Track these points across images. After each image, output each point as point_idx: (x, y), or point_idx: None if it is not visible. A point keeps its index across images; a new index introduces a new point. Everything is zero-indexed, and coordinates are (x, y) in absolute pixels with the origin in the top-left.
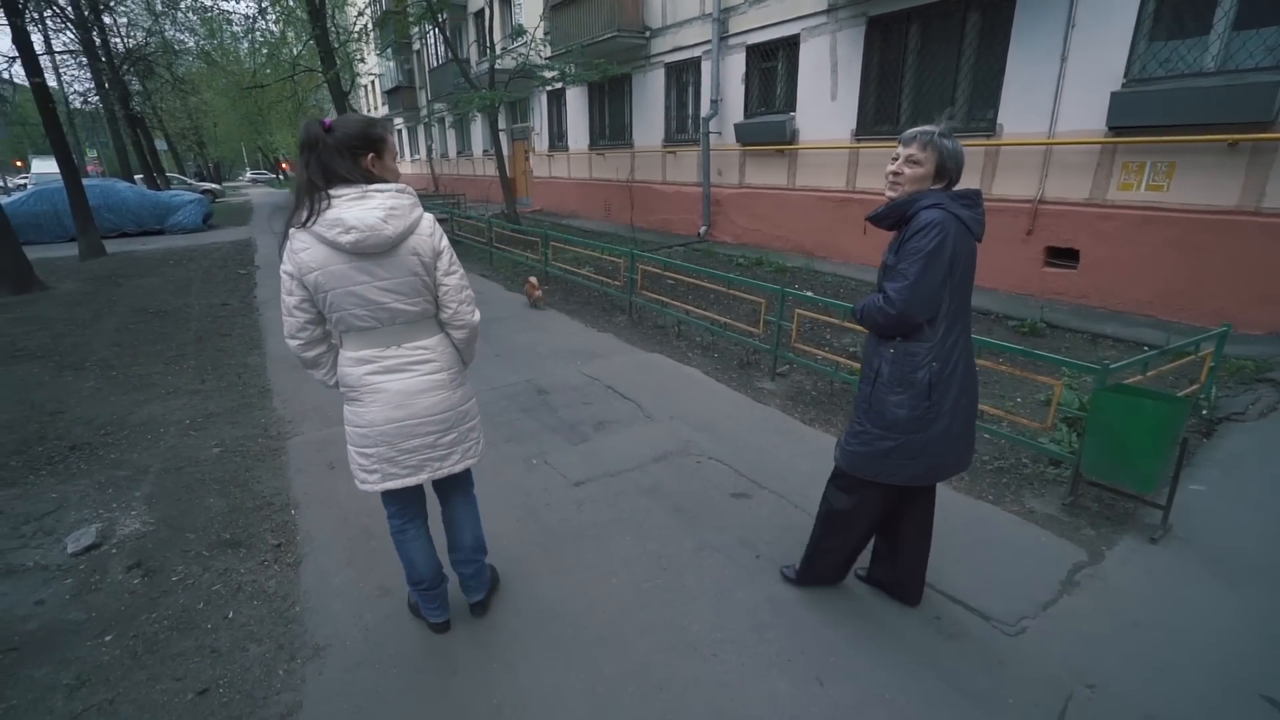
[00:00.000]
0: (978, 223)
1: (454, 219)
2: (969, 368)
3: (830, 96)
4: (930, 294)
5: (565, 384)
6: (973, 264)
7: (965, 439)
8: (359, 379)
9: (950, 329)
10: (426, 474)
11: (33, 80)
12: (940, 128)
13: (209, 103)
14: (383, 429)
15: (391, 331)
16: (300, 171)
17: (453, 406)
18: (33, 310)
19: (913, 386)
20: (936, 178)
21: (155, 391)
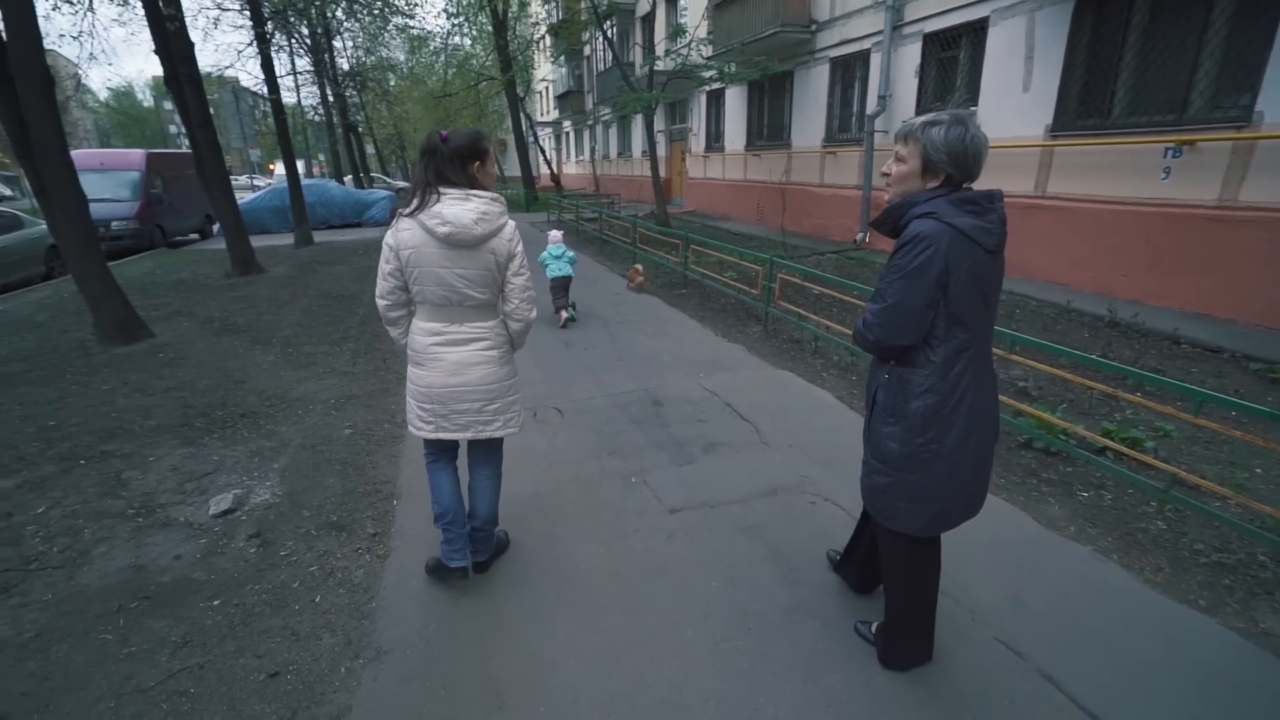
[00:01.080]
0: (986, 233)
1: (603, 218)
2: (983, 400)
3: (1022, 88)
4: (911, 319)
5: (682, 397)
6: (987, 281)
7: (979, 483)
8: (425, 346)
9: (954, 356)
10: (471, 433)
11: (271, 97)
12: (935, 116)
13: (409, 111)
14: (439, 391)
15: (459, 311)
16: (420, 172)
17: (499, 380)
18: (249, 290)
19: (905, 418)
20: (926, 175)
21: (315, 370)
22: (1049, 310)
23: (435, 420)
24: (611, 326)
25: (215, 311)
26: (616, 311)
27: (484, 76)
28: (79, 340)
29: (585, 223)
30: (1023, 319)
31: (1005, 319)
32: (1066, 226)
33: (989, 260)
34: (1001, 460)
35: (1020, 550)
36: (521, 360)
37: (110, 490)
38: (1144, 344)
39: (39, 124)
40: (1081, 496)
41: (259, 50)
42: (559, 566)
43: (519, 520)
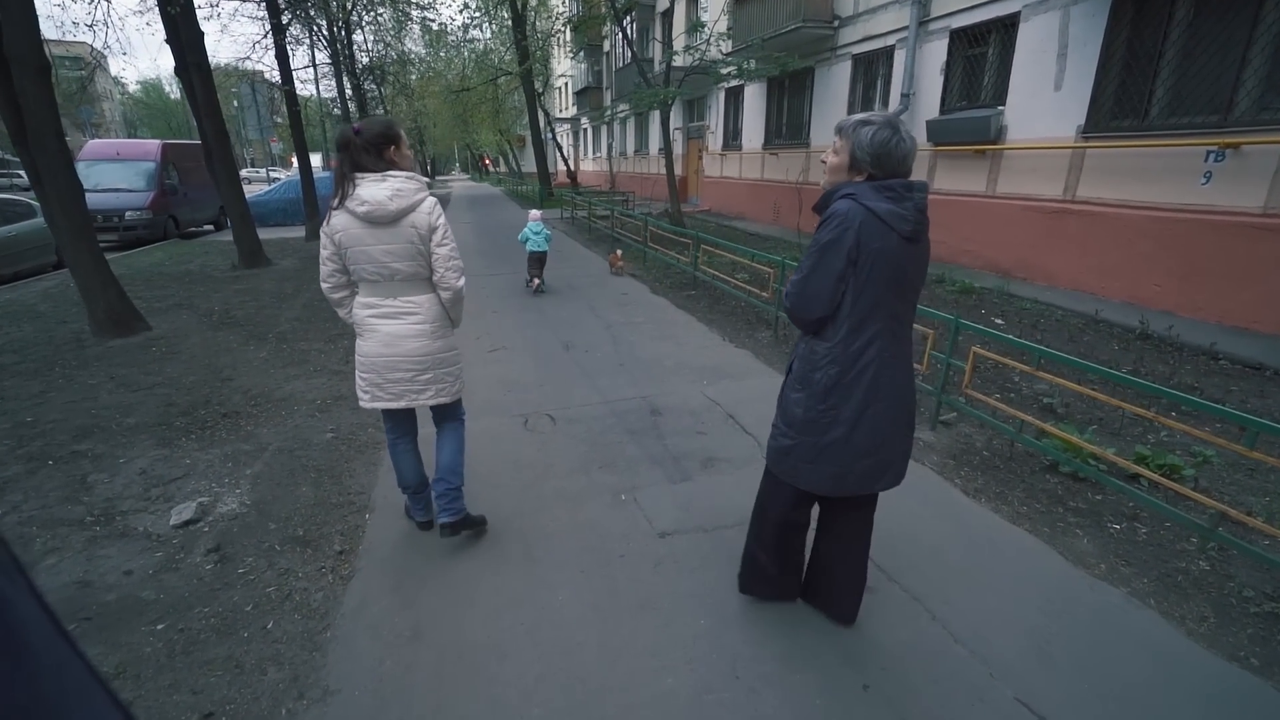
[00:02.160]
0: (900, 218)
1: (614, 216)
2: (888, 378)
3: (1054, 86)
4: (820, 290)
5: (683, 406)
6: (899, 265)
7: (877, 456)
8: (363, 319)
9: (856, 331)
10: (405, 402)
11: (284, 88)
12: (870, 116)
13: (428, 106)
14: (374, 360)
15: (391, 286)
16: (338, 165)
17: (431, 353)
18: (254, 283)
19: (810, 387)
20: (852, 170)
21: (306, 368)
22: (1076, 320)
23: (372, 390)
24: (615, 329)
25: (216, 304)
26: (621, 313)
27: (502, 71)
28: (75, 332)
29: (598, 220)
30: (1048, 329)
31: (1029, 328)
32: (1096, 232)
33: (904, 246)
34: (1024, 485)
35: (1045, 591)
36: (519, 363)
37: (73, 495)
38: (1178, 359)
39: (34, 109)
40: (1113, 529)
41: (274, 42)
42: (533, 596)
43: (495, 540)
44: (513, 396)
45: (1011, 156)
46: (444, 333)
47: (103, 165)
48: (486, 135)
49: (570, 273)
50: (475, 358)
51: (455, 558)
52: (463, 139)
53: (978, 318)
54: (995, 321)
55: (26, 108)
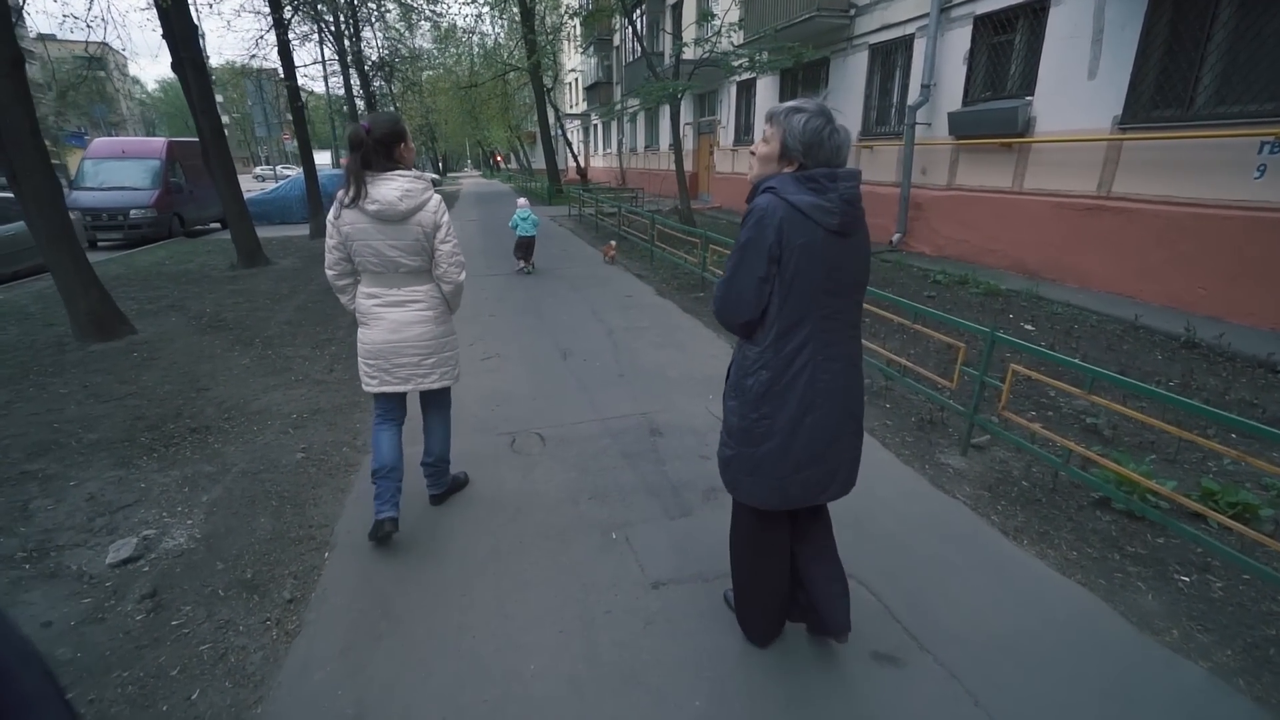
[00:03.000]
0: (825, 211)
1: (621, 214)
2: (826, 383)
3: (1087, 74)
4: (742, 292)
5: (686, 424)
6: (828, 261)
7: (820, 466)
8: (368, 308)
9: (786, 334)
10: (411, 385)
11: (286, 83)
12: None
13: (438, 103)
14: (379, 347)
15: (395, 277)
16: (351, 163)
17: (435, 337)
18: (250, 283)
19: (743, 394)
20: (783, 160)
21: (288, 377)
22: (1112, 326)
23: (379, 375)
24: (617, 334)
25: (208, 306)
26: (625, 317)
27: (511, 67)
28: (58, 336)
29: (605, 218)
30: (1082, 335)
31: (1063, 335)
32: (1134, 231)
33: (832, 240)
34: (1072, 523)
35: (1109, 666)
36: (513, 373)
37: (9, 524)
38: (1231, 371)
39: (6, 105)
40: (1181, 582)
41: (276, 37)
42: (502, 663)
43: (465, 589)
44: (502, 412)
45: (1040, 150)
46: (445, 319)
47: (108, 163)
48: (497, 132)
49: (575, 273)
50: (466, 367)
51: (416, 611)
52: (474, 136)
53: (1006, 323)
54: (1025, 328)
55: (0, 103)
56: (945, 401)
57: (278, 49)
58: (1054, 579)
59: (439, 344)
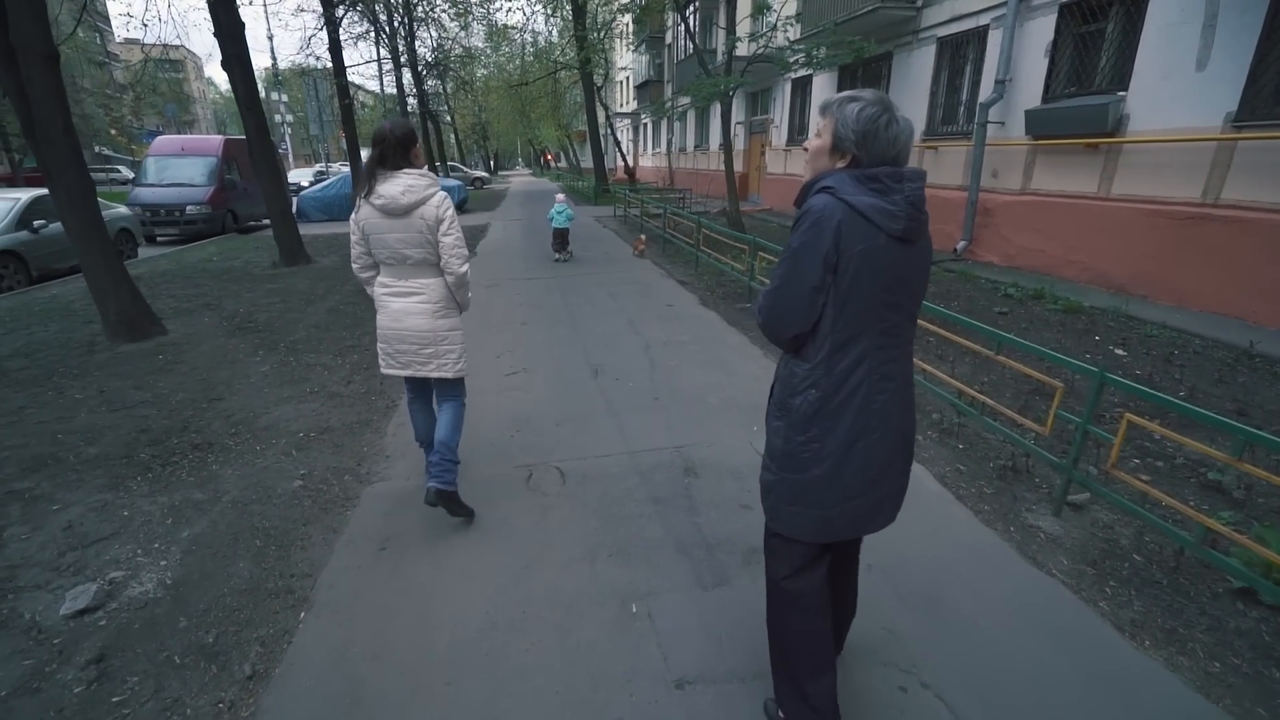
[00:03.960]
0: (888, 215)
1: (667, 215)
2: (881, 405)
3: (1195, 65)
4: (794, 302)
5: (725, 463)
6: (890, 270)
7: (868, 495)
8: (379, 297)
9: (840, 350)
10: (411, 371)
11: (337, 80)
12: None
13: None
14: (386, 332)
15: (403, 269)
16: (369, 161)
17: (432, 330)
18: (287, 282)
19: (789, 414)
20: (834, 153)
21: (304, 388)
22: (1221, 353)
23: (387, 358)
24: (654, 350)
25: (243, 305)
26: (664, 329)
27: (561, 65)
28: (92, 335)
29: (650, 218)
30: (1185, 364)
31: (1161, 362)
32: (1247, 244)
33: (895, 247)
34: (1206, 618)
35: None
36: (538, 392)
37: None
38: None
39: (40, 101)
40: None
41: (328, 35)
42: None
43: (455, 676)
44: (521, 439)
45: (1133, 151)
46: (447, 314)
47: (168, 160)
48: (547, 130)
49: (616, 277)
50: (489, 383)
51: (389, 701)
52: (525, 134)
53: (1092, 346)
54: (1116, 352)
55: (33, 98)
56: (1034, 449)
57: (328, 46)
58: (1195, 704)
59: (436, 337)
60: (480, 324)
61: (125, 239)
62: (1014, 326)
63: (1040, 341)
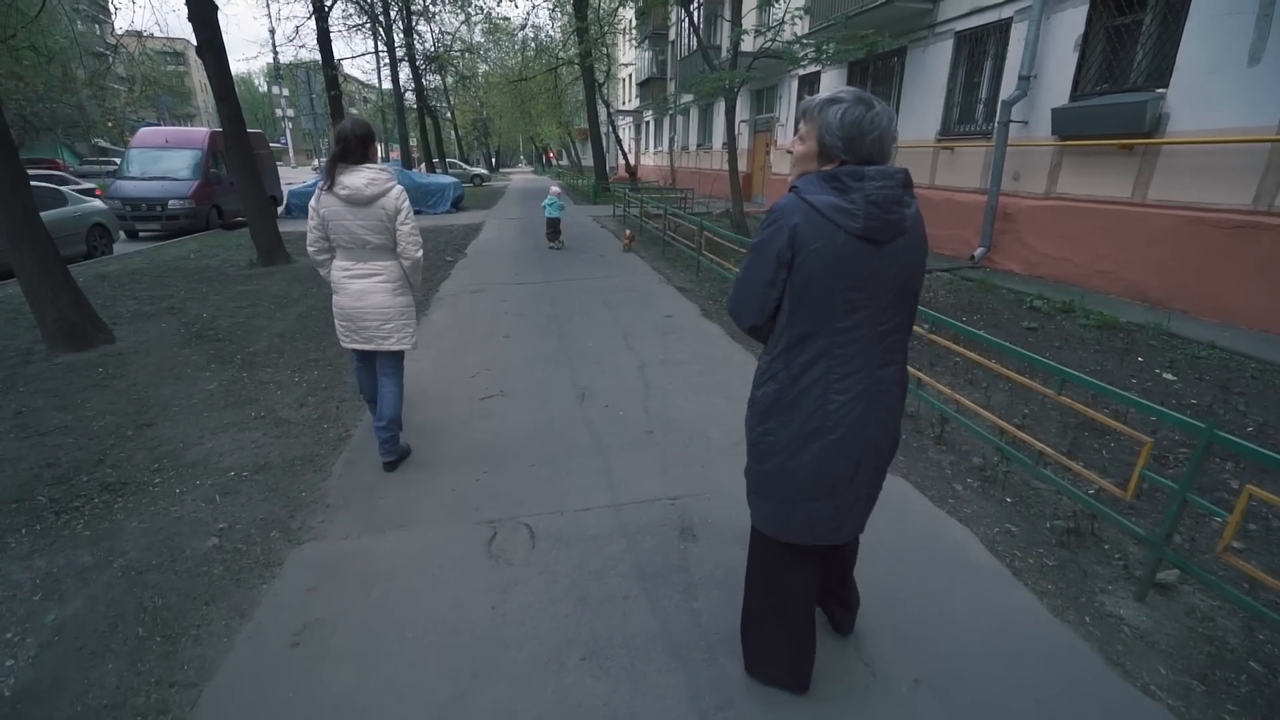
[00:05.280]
0: (846, 214)
1: (667, 217)
2: (839, 409)
3: (1246, 59)
4: (750, 295)
5: (731, 523)
6: (850, 269)
7: (830, 500)
8: (339, 279)
9: (796, 346)
10: (372, 345)
11: (326, 72)
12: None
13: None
14: (347, 311)
15: (362, 253)
16: (333, 154)
17: (392, 307)
18: (262, 284)
19: (754, 405)
20: (822, 158)
21: (248, 412)
22: (1278, 376)
23: (349, 334)
24: (650, 370)
25: (207, 310)
26: (662, 345)
27: (562, 61)
28: (31, 344)
29: (649, 220)
30: (1245, 392)
31: (1218, 390)
32: None
33: (858, 247)
34: None
35: None
36: (514, 423)
37: None
38: None
39: None
40: None
41: (316, 25)
42: None
43: None
44: (488, 484)
45: (1173, 153)
46: (403, 291)
47: (152, 153)
48: (548, 128)
49: (611, 284)
50: (460, 408)
51: None
52: (526, 131)
53: (1135, 368)
54: (1164, 376)
55: None
56: (1113, 516)
57: (317, 37)
58: None
59: (396, 312)
60: (459, 337)
61: (100, 234)
62: (1046, 345)
63: (1078, 364)
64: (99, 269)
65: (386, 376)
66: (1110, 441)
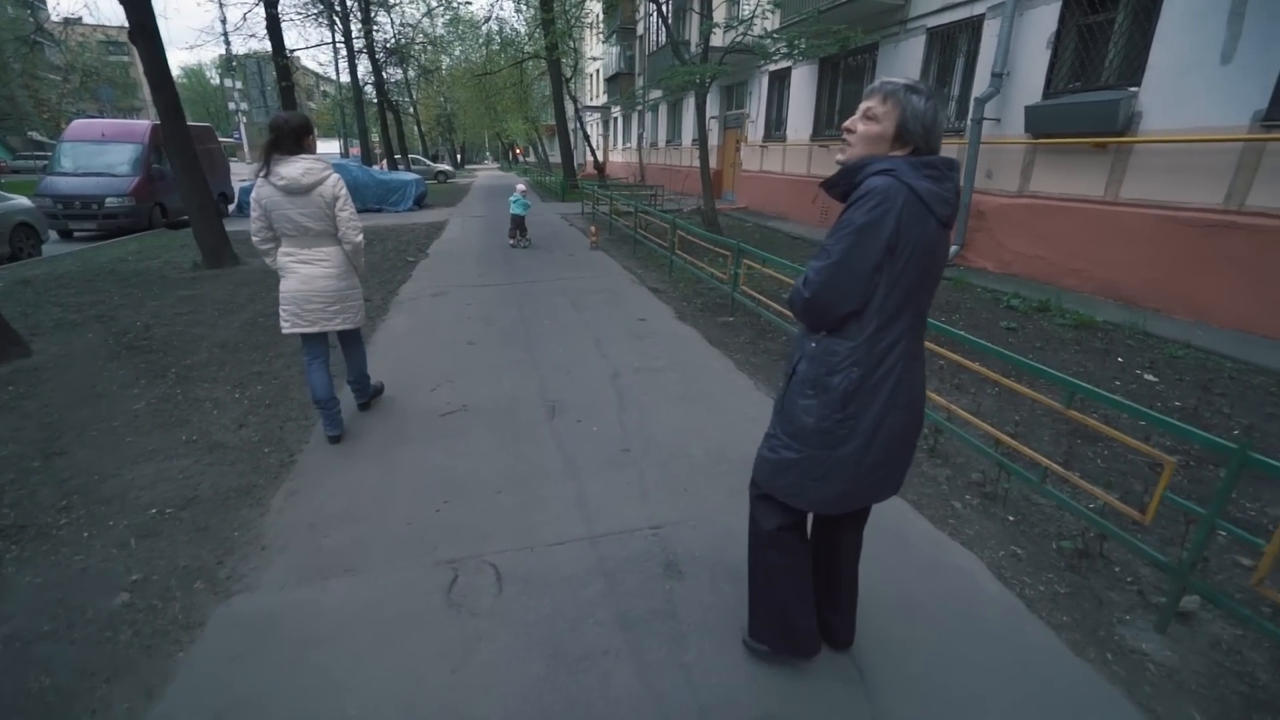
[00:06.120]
0: (942, 201)
1: (637, 214)
2: (909, 381)
3: (1219, 57)
4: (856, 279)
5: (722, 555)
6: (933, 253)
7: (887, 466)
8: (285, 264)
9: (884, 329)
10: (319, 327)
11: (276, 61)
12: (914, 83)
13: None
14: (294, 295)
15: (305, 239)
16: (267, 144)
17: (337, 290)
18: (207, 288)
19: (826, 392)
20: (897, 141)
21: (179, 436)
22: (1261, 379)
23: (293, 319)
24: (624, 379)
25: (142, 317)
26: (636, 351)
27: (528, 55)
28: None
29: (619, 218)
30: (1226, 393)
31: (1199, 390)
32: (1278, 256)
33: (939, 233)
34: None
35: None
36: (477, 443)
37: None
38: None
39: None
40: None
41: (266, 11)
42: None
43: None
44: (447, 517)
45: (1146, 152)
46: (347, 275)
47: (86, 147)
48: (515, 124)
49: (581, 285)
50: (418, 428)
51: None
52: (492, 127)
53: (1116, 369)
54: (1145, 377)
55: None
56: (1134, 543)
57: (266, 24)
58: None
59: (341, 295)
60: (418, 345)
61: (26, 234)
62: (1026, 346)
63: (1056, 364)
64: (23, 273)
65: (348, 346)
66: (1104, 449)
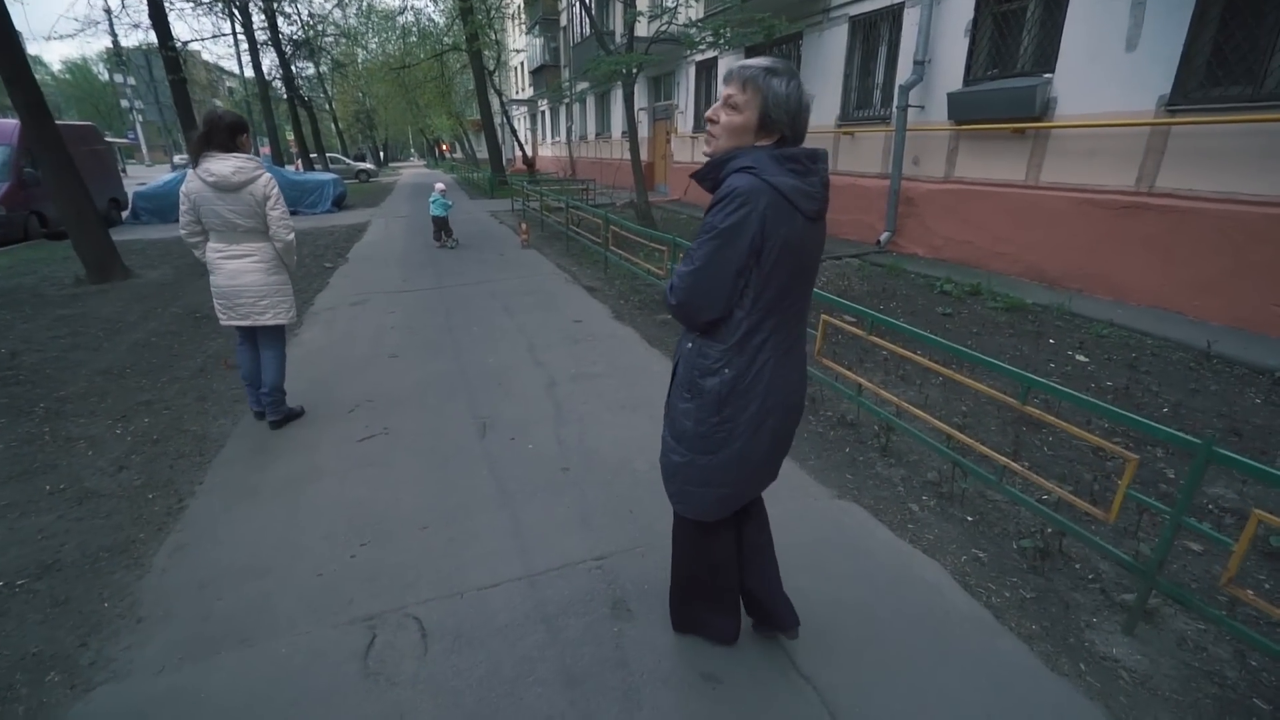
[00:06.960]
0: (807, 196)
1: (568, 209)
2: (781, 381)
3: (1124, 45)
4: (720, 284)
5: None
6: (805, 250)
7: (770, 463)
8: (213, 260)
9: (755, 329)
10: (249, 321)
11: (162, 53)
12: (774, 63)
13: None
14: (224, 289)
15: (234, 235)
16: (200, 138)
17: (265, 285)
18: (91, 306)
19: (701, 395)
20: (761, 131)
21: (40, 485)
22: (1179, 355)
23: (226, 311)
24: (561, 388)
25: (7, 344)
26: (572, 357)
27: (447, 47)
28: None
29: (550, 214)
30: (1150, 369)
31: (1126, 369)
32: (1186, 235)
33: (808, 227)
34: None
35: None
36: (398, 470)
37: None
38: None
39: None
40: None
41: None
42: None
43: None
44: (365, 561)
45: (1062, 136)
46: (276, 270)
47: None
48: (439, 119)
49: (511, 286)
50: (332, 457)
51: None
52: (415, 123)
53: (1049, 351)
54: (1077, 358)
55: None
56: (1095, 540)
57: (149, 10)
58: None
59: (270, 289)
60: (334, 362)
61: None
62: (964, 331)
63: (994, 349)
64: None
65: (267, 349)
66: (1049, 436)
